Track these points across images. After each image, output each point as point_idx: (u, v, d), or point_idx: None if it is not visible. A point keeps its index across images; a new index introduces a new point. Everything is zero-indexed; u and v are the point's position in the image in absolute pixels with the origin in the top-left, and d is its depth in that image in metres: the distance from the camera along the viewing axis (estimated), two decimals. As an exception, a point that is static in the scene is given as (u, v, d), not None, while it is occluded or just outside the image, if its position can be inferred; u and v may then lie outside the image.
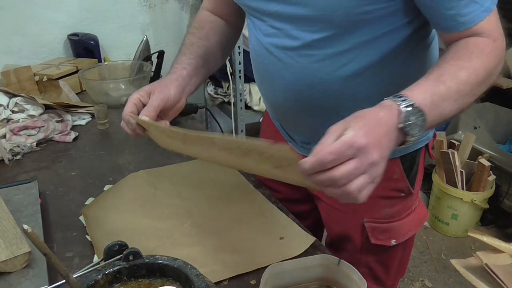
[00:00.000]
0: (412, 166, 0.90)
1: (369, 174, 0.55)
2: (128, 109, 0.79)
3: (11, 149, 1.19)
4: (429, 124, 0.61)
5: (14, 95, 1.37)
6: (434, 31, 0.83)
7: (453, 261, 0.81)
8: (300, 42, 0.76)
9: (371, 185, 0.56)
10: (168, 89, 0.82)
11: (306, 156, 0.55)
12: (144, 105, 0.79)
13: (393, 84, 0.74)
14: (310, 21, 0.73)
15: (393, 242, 0.91)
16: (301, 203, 1.04)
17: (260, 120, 1.77)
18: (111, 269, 0.62)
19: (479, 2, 0.67)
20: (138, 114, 0.78)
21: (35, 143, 1.24)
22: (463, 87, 0.64)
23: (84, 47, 1.94)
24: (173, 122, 1.41)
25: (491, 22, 0.69)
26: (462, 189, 2.17)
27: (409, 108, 0.59)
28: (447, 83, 0.63)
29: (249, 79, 2.15)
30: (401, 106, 0.59)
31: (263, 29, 0.81)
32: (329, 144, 0.53)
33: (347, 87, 0.78)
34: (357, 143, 0.53)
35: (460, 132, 2.35)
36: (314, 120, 0.85)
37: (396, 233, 0.92)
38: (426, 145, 0.92)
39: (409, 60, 0.80)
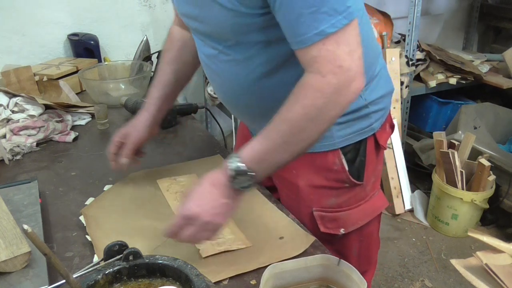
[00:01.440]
0: (355, 157, 0.92)
1: (210, 230, 0.75)
2: (112, 150, 1.00)
3: (11, 149, 1.19)
4: (260, 177, 0.75)
5: (14, 95, 1.37)
6: None
7: (453, 261, 0.81)
8: (216, 50, 0.85)
9: (213, 232, 0.75)
10: (139, 132, 1.00)
11: None
12: (123, 143, 0.99)
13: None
14: (214, 34, 0.83)
15: (341, 231, 0.95)
16: (277, 191, 1.06)
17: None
18: (111, 269, 0.62)
19: (314, 24, 0.67)
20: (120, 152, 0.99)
21: (35, 143, 1.24)
22: (287, 138, 0.73)
23: (84, 47, 1.94)
24: (174, 122, 1.42)
25: (326, 51, 0.68)
26: (462, 189, 2.17)
27: (236, 169, 0.73)
28: (272, 139, 0.73)
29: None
30: (229, 168, 0.73)
31: (198, 42, 0.91)
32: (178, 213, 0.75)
33: (264, 88, 0.85)
34: (187, 215, 0.73)
35: (460, 132, 2.35)
36: (252, 115, 0.94)
37: (344, 222, 0.95)
38: (374, 135, 0.93)
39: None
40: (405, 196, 2.48)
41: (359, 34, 0.71)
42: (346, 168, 0.91)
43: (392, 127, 1.01)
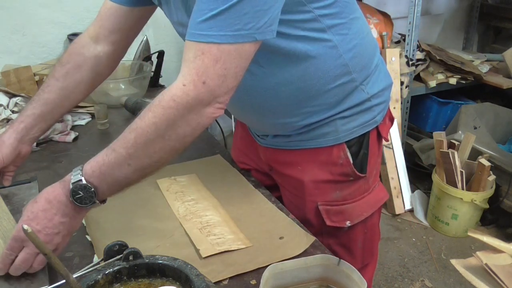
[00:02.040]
0: (359, 150, 0.93)
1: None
2: None
3: (11, 149, 1.19)
4: (102, 194, 0.70)
5: (14, 95, 1.37)
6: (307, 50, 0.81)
7: (453, 261, 0.81)
8: None
9: (56, 250, 0.72)
10: (1, 152, 0.89)
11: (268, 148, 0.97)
12: None
13: (302, 92, 0.83)
14: None
15: (347, 223, 0.95)
16: (275, 190, 1.05)
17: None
18: (111, 269, 0.62)
19: (201, 25, 0.64)
20: None
21: (35, 143, 1.24)
22: (132, 150, 0.67)
23: (84, 47, 1.94)
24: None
25: (200, 60, 0.65)
26: (462, 189, 2.17)
27: (77, 183, 0.68)
28: (117, 150, 0.68)
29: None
30: (71, 182, 0.68)
31: None
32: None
33: (266, 89, 0.84)
34: (19, 236, 0.68)
35: (460, 132, 2.35)
36: (256, 116, 0.93)
37: (350, 215, 0.95)
38: (377, 128, 0.94)
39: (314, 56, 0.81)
40: (405, 196, 2.48)
41: (245, 63, 0.68)
42: (351, 161, 0.92)
43: (391, 119, 1.02)
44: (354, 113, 0.90)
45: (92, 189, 0.69)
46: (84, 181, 0.68)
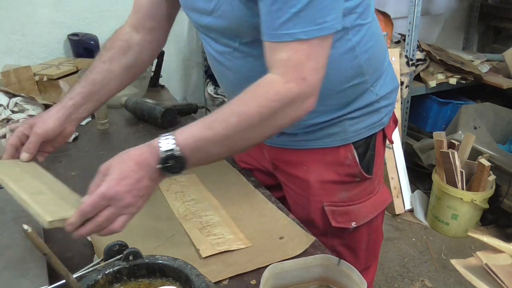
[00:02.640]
0: (366, 151, 0.93)
1: (127, 214, 0.68)
2: (12, 141, 0.86)
3: (11, 149, 1.19)
4: (190, 165, 0.70)
5: (14, 95, 1.37)
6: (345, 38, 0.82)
7: (453, 261, 0.81)
8: (230, 47, 0.83)
9: (130, 217, 0.69)
10: (47, 124, 0.86)
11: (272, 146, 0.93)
12: (27, 137, 0.86)
13: (325, 88, 0.79)
14: (232, 30, 0.80)
15: (353, 224, 0.94)
16: (278, 190, 1.05)
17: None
18: (111, 269, 0.62)
19: (288, 24, 0.67)
20: (22, 145, 0.86)
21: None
22: (233, 132, 0.70)
23: (84, 47, 1.94)
24: (174, 122, 1.42)
25: (296, 59, 0.68)
26: (462, 189, 2.17)
27: (169, 152, 0.67)
28: (215, 129, 0.69)
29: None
30: (161, 149, 0.67)
31: (206, 39, 0.89)
32: (93, 191, 0.67)
33: None
34: (109, 194, 0.66)
35: (460, 132, 2.35)
36: None
37: (356, 216, 0.95)
38: (383, 129, 0.95)
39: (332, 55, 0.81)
40: (405, 196, 2.48)
41: (328, 54, 0.71)
42: (358, 162, 0.92)
43: (395, 122, 1.02)
44: (363, 114, 0.90)
45: (183, 160, 0.68)
46: (178, 152, 0.68)
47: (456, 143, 2.22)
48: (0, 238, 0.82)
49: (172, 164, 0.68)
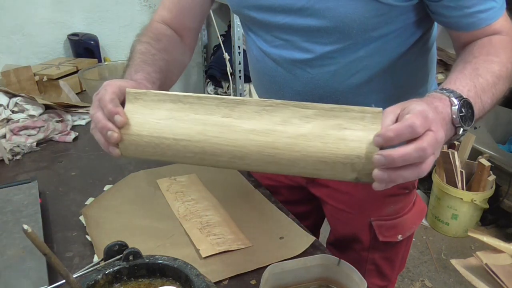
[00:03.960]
0: None
1: (434, 156, 0.52)
2: (109, 97, 0.63)
3: (11, 149, 1.19)
4: (475, 117, 0.60)
5: (14, 95, 1.37)
6: (434, 36, 0.83)
7: (453, 261, 0.81)
8: (312, 54, 0.74)
9: (432, 163, 0.53)
10: (145, 86, 0.72)
11: None
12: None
13: (401, 88, 0.77)
14: (324, 33, 0.71)
15: (399, 237, 0.92)
16: (301, 204, 1.04)
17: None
18: (111, 269, 0.62)
19: (496, 0, 0.68)
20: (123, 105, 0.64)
21: (35, 143, 1.24)
22: (497, 80, 0.65)
23: (84, 47, 1.94)
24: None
25: (508, 20, 0.71)
26: (462, 189, 2.17)
27: (460, 101, 0.58)
28: (484, 76, 0.63)
29: (249, 79, 2.15)
30: (452, 98, 0.57)
31: (268, 40, 0.79)
32: (389, 124, 0.51)
33: (358, 95, 0.78)
34: (430, 116, 0.51)
35: (460, 132, 2.34)
36: None
37: (402, 228, 0.92)
38: None
39: (414, 64, 0.81)
40: (405, 196, 2.48)
41: None
42: None
43: None
44: None
45: (472, 109, 0.59)
46: (465, 98, 0.59)
47: (456, 143, 2.22)
48: (0, 238, 0.82)
49: (465, 114, 0.58)
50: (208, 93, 2.32)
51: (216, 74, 2.26)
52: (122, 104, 0.64)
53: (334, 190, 0.94)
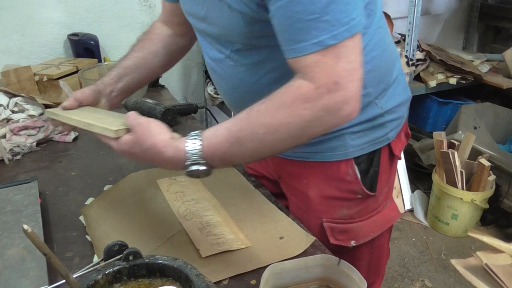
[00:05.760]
0: (369, 167, 0.88)
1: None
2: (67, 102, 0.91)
3: (11, 149, 1.19)
4: (214, 169, 0.69)
5: (14, 95, 1.37)
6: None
7: (453, 261, 0.81)
8: (223, 54, 0.82)
9: None
10: (85, 91, 0.93)
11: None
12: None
13: None
14: (222, 38, 0.79)
15: (352, 243, 0.91)
16: (282, 198, 1.02)
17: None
18: (111, 269, 0.62)
19: (313, 32, 0.61)
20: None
21: (35, 143, 1.24)
22: (259, 145, 0.66)
23: (84, 47, 1.94)
24: (174, 122, 1.42)
25: (323, 63, 0.62)
26: (462, 189, 2.17)
27: (197, 164, 0.67)
28: (243, 143, 0.66)
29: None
30: (189, 159, 0.67)
31: (203, 44, 0.88)
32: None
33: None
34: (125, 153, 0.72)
35: (460, 132, 2.35)
36: None
37: (356, 234, 0.91)
38: (389, 145, 0.89)
39: None
40: (405, 196, 2.48)
41: (361, 51, 0.64)
42: (359, 178, 0.88)
43: (407, 136, 0.97)
44: (365, 128, 0.85)
45: (207, 167, 0.68)
46: (204, 167, 0.68)
47: (456, 143, 2.22)
48: (0, 238, 0.82)
49: (197, 171, 0.68)
50: (208, 93, 2.32)
51: (216, 74, 2.26)
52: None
53: (293, 188, 0.95)
